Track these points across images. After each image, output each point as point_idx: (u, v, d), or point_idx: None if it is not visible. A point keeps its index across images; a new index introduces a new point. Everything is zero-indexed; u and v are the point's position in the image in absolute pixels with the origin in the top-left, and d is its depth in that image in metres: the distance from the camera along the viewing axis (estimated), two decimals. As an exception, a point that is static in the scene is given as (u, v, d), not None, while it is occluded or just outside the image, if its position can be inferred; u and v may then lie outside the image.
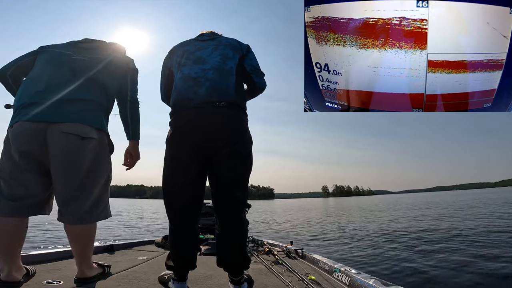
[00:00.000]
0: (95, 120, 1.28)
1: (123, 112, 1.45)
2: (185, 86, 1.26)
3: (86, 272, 1.31)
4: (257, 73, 1.38)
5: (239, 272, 1.26)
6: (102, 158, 1.31)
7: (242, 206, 1.27)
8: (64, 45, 1.37)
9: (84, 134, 1.21)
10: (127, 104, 1.44)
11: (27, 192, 1.19)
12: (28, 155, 1.19)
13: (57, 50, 1.34)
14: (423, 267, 3.65)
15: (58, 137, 1.17)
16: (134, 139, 1.48)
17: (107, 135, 1.36)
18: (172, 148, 1.25)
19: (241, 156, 1.24)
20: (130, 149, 1.48)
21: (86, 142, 1.22)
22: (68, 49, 1.35)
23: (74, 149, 1.19)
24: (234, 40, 1.41)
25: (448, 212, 12.78)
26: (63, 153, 1.18)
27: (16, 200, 1.17)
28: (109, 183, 1.37)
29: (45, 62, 1.31)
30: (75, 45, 1.38)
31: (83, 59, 1.33)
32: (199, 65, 1.29)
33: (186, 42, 1.43)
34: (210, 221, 2.89)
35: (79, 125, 1.21)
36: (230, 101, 1.23)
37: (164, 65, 1.42)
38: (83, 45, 1.38)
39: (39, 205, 1.24)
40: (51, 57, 1.32)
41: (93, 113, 1.28)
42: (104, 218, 1.33)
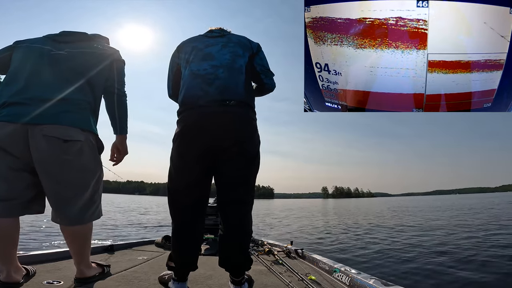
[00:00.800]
0: (79, 121, 1.20)
1: (110, 105, 1.37)
2: (193, 83, 1.24)
3: (85, 271, 1.30)
4: (267, 73, 1.37)
5: (241, 273, 1.25)
6: (90, 159, 1.24)
7: (247, 207, 1.25)
8: (42, 39, 1.28)
9: (67, 136, 1.15)
10: (113, 96, 1.36)
11: (15, 192, 1.15)
12: (11, 155, 1.14)
13: (35, 45, 1.25)
14: (423, 267, 3.65)
15: (39, 140, 1.11)
16: (121, 134, 1.41)
17: (95, 135, 1.29)
18: (179, 148, 1.23)
19: (248, 156, 1.23)
20: (117, 144, 1.42)
21: (70, 145, 1.16)
22: (47, 44, 1.25)
23: (57, 153, 1.13)
24: (244, 38, 1.38)
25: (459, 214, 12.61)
26: (46, 158, 1.13)
27: (5, 200, 1.14)
28: (100, 183, 1.32)
29: (23, 59, 1.22)
30: (54, 39, 1.28)
31: (64, 54, 1.24)
32: (208, 61, 1.27)
33: (195, 38, 1.39)
34: (210, 221, 2.89)
35: (62, 127, 1.15)
36: (240, 100, 1.21)
37: (172, 61, 1.39)
38: (63, 39, 1.28)
39: (30, 203, 1.21)
40: (29, 53, 1.23)
41: (78, 113, 1.20)
42: (97, 218, 1.30)
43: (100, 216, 1.33)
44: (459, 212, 14.26)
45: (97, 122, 1.34)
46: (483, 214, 12.62)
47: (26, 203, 1.19)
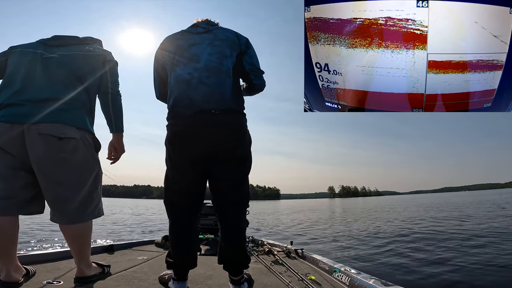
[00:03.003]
0: (74, 119, 1.24)
1: (105, 105, 1.40)
2: (179, 91, 1.20)
3: (85, 271, 1.31)
4: (257, 73, 1.30)
5: (239, 272, 1.26)
6: (86, 156, 1.27)
7: (243, 206, 1.27)
8: (34, 44, 1.34)
9: (62, 134, 1.18)
10: (108, 96, 1.39)
11: (12, 190, 1.18)
12: (9, 154, 1.17)
13: (28, 49, 1.31)
14: (423, 267, 3.65)
15: (35, 139, 1.15)
16: (118, 132, 1.43)
17: (91, 133, 1.32)
18: (170, 154, 1.23)
19: (239, 158, 1.24)
20: (114, 143, 1.44)
21: (65, 142, 1.19)
22: (39, 48, 1.31)
23: (52, 151, 1.17)
24: (231, 33, 1.30)
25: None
26: (42, 156, 1.16)
27: (3, 198, 1.16)
28: (99, 180, 1.34)
29: (18, 63, 1.28)
30: (46, 43, 1.34)
31: (54, 57, 1.29)
32: (193, 63, 1.21)
33: (179, 35, 1.31)
34: (210, 221, 2.89)
35: (57, 125, 1.18)
36: (227, 107, 1.18)
37: (156, 62, 1.33)
38: (54, 43, 1.34)
39: (28, 203, 1.23)
40: (22, 57, 1.29)
41: (72, 112, 1.24)
42: (98, 216, 1.31)
43: (101, 215, 1.34)
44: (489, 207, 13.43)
45: (93, 121, 1.38)
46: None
47: (23, 202, 1.21)
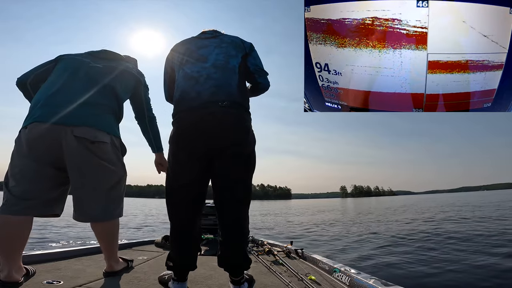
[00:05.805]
0: (106, 125, 1.34)
1: (144, 129, 1.61)
2: (187, 85, 1.25)
3: (114, 266, 1.45)
4: (261, 73, 1.37)
5: (240, 272, 1.25)
6: (114, 160, 1.36)
7: (244, 206, 1.26)
8: (83, 54, 1.48)
9: (94, 138, 1.27)
10: (145, 121, 1.60)
11: (37, 192, 1.22)
12: (40, 155, 1.23)
13: (76, 57, 1.44)
14: (424, 267, 3.65)
15: (70, 140, 1.23)
16: (159, 152, 1.66)
17: (118, 138, 1.42)
18: (174, 150, 1.25)
19: (243, 157, 1.24)
20: (158, 160, 1.67)
21: (96, 145, 1.28)
22: (87, 57, 1.45)
23: (85, 152, 1.25)
24: (237, 38, 1.40)
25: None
26: (75, 156, 1.24)
27: (26, 199, 1.20)
28: (123, 183, 1.43)
29: (63, 69, 1.38)
30: (94, 55, 1.49)
31: (99, 67, 1.42)
32: (201, 63, 1.29)
33: (188, 40, 1.41)
34: (210, 221, 2.89)
35: (90, 129, 1.27)
36: (233, 101, 1.22)
37: (166, 64, 1.41)
38: (101, 55, 1.50)
39: (49, 205, 1.27)
40: (69, 63, 1.40)
41: (105, 118, 1.34)
42: (118, 217, 1.40)
43: (121, 215, 1.43)
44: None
45: (119, 128, 1.49)
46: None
47: (46, 204, 1.26)
